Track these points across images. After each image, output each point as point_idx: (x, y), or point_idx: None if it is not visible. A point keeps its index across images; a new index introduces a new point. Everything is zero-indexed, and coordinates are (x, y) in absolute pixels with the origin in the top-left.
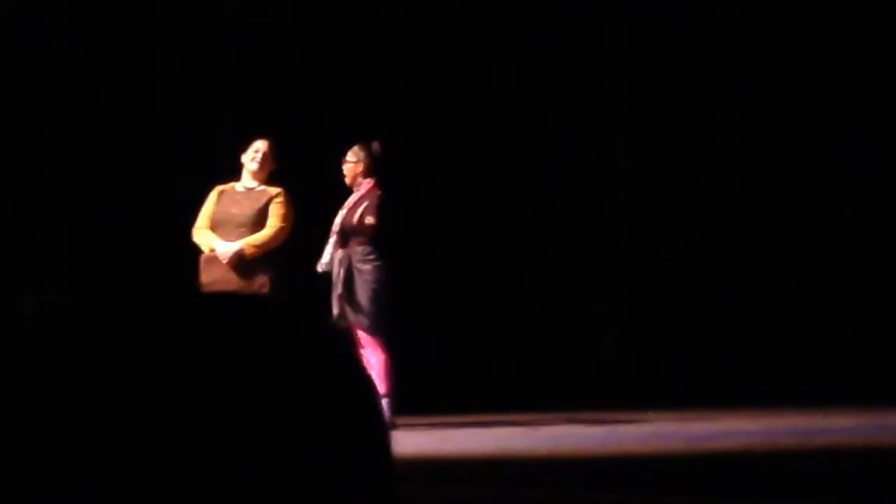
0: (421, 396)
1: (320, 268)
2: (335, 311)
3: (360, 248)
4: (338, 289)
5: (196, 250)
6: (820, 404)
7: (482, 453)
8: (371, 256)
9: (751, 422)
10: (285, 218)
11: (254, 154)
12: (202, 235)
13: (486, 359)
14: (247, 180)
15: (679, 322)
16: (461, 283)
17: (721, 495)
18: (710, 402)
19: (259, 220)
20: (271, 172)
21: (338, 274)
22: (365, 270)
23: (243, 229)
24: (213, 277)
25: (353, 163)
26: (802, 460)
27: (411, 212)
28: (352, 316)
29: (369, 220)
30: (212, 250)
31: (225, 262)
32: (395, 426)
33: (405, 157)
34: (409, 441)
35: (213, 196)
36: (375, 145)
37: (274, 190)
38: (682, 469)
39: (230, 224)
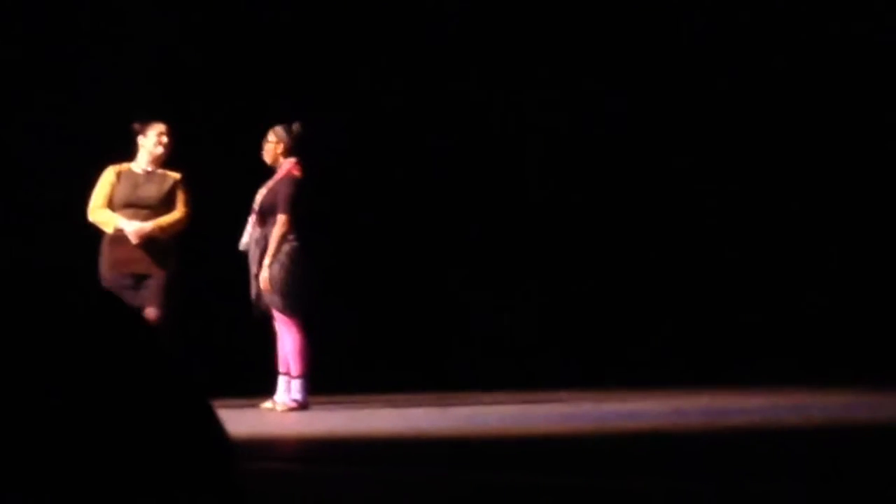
0: (335, 377)
1: (241, 247)
2: (252, 291)
3: (279, 227)
4: (254, 269)
5: (94, 230)
6: (733, 385)
7: (393, 433)
8: (287, 237)
9: (663, 402)
10: (189, 203)
11: (158, 138)
12: (103, 215)
13: (398, 339)
14: (144, 163)
15: (592, 303)
16: (378, 265)
17: (633, 475)
18: (623, 383)
19: (166, 204)
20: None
21: (254, 254)
22: (281, 251)
23: (149, 212)
24: (120, 257)
25: (273, 143)
26: (714, 440)
27: (332, 192)
28: (266, 296)
29: (284, 201)
30: (118, 230)
31: (135, 241)
32: (307, 407)
33: (328, 137)
34: (322, 421)
35: (109, 176)
36: (296, 126)
37: (175, 175)
38: (594, 449)
39: (137, 206)
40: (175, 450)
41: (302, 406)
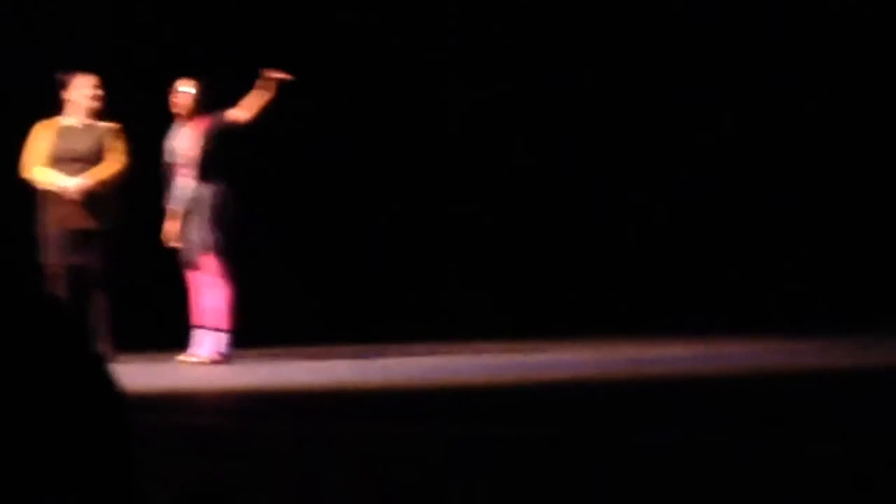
0: (256, 330)
1: (169, 202)
2: (183, 243)
3: (201, 179)
4: (182, 219)
5: (28, 188)
6: (654, 335)
7: (315, 386)
8: (213, 186)
9: (583, 352)
10: (126, 152)
11: (91, 91)
12: (39, 172)
13: (322, 291)
14: (79, 117)
15: (511, 253)
16: (308, 215)
17: (555, 424)
18: (543, 334)
19: (97, 155)
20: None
21: (182, 204)
22: (205, 199)
23: (82, 164)
24: (59, 214)
25: (188, 94)
26: (635, 389)
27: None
28: (193, 245)
29: (198, 149)
30: (57, 186)
31: (74, 197)
32: (230, 360)
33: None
34: (244, 374)
35: (39, 131)
36: (212, 83)
37: (110, 125)
38: (515, 399)
39: (69, 160)
40: (68, 404)
41: (226, 359)
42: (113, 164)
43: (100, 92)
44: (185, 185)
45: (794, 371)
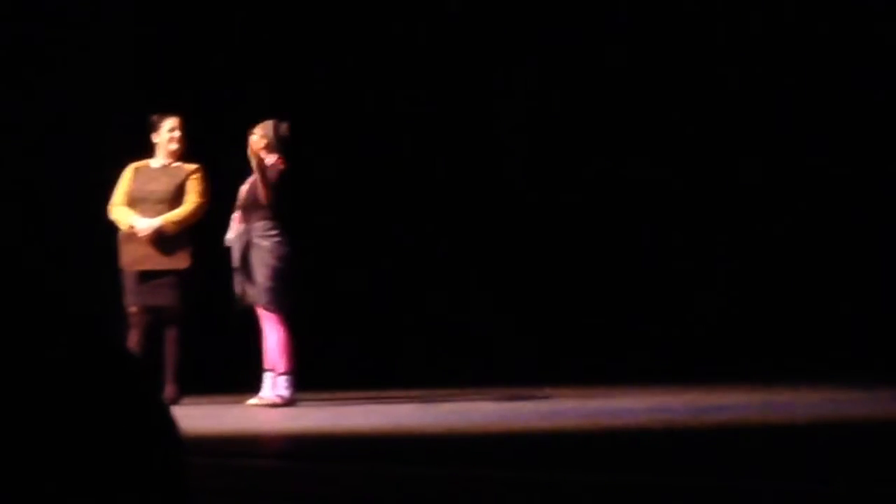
0: (321, 373)
1: (226, 242)
2: (236, 288)
3: (258, 224)
4: (236, 263)
5: (114, 228)
6: (714, 382)
7: (378, 430)
8: (271, 232)
9: (647, 399)
10: (203, 194)
11: (170, 134)
12: (119, 212)
13: (384, 336)
14: (162, 158)
15: (573, 299)
16: (363, 260)
17: (619, 471)
18: (608, 380)
19: (177, 197)
20: (184, 150)
21: (237, 249)
22: (262, 247)
23: (162, 206)
24: (133, 255)
25: (256, 136)
26: (698, 437)
27: (320, 189)
28: (250, 291)
29: (267, 194)
30: (130, 227)
31: (146, 238)
32: (293, 403)
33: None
34: (309, 417)
35: (127, 173)
36: (284, 127)
37: (191, 166)
38: (579, 445)
39: (148, 201)
40: (125, 448)
41: (288, 402)
42: (188, 205)
43: (177, 133)
44: (239, 229)
45: (856, 419)
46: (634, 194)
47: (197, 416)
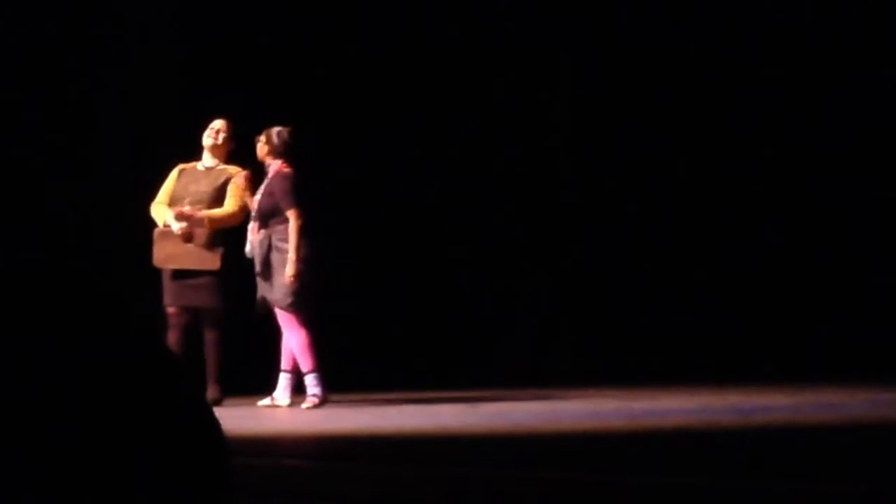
0: (359, 374)
1: (247, 254)
2: (258, 294)
3: (279, 228)
4: (257, 268)
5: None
6: (758, 383)
7: (420, 431)
8: (279, 234)
9: (691, 400)
10: (242, 197)
11: (210, 132)
12: (157, 210)
13: (423, 336)
14: (207, 159)
15: (615, 299)
16: (398, 259)
17: (662, 473)
18: (650, 381)
19: (216, 198)
20: (230, 152)
21: (258, 255)
22: (283, 249)
23: (199, 206)
24: (165, 252)
25: (261, 143)
26: (743, 438)
27: (340, 188)
28: (269, 295)
29: (285, 197)
30: (165, 225)
31: (177, 232)
32: (327, 401)
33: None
34: (349, 418)
35: (173, 173)
36: (283, 131)
37: (234, 169)
38: (622, 446)
39: (186, 200)
40: (169, 448)
41: (322, 400)
42: (228, 207)
43: (215, 132)
44: (259, 236)
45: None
46: (678, 192)
47: (237, 417)
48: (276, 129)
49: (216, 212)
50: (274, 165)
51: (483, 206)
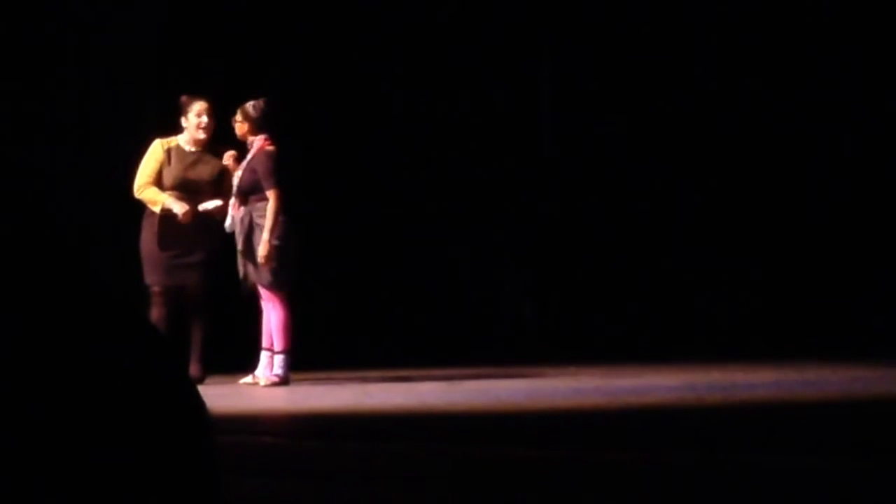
0: (342, 352)
1: (227, 228)
2: (240, 271)
3: (259, 205)
4: (239, 246)
5: (139, 208)
6: (741, 360)
7: (402, 408)
8: (258, 211)
9: (674, 377)
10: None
11: (198, 120)
12: (150, 193)
13: (405, 314)
14: (191, 142)
15: (602, 277)
16: (378, 237)
17: (645, 448)
18: (633, 358)
19: (216, 186)
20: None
21: (239, 232)
22: (263, 227)
23: (201, 194)
24: (169, 236)
25: (239, 122)
26: (726, 414)
27: (320, 164)
28: (252, 273)
29: (267, 176)
30: (164, 209)
31: (183, 221)
32: (288, 382)
33: (324, 106)
34: (330, 396)
35: (157, 153)
36: (258, 102)
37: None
38: (605, 423)
39: (189, 188)
40: (155, 428)
41: (283, 381)
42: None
43: (206, 120)
44: (240, 212)
45: (885, 397)
46: (662, 169)
47: (218, 396)
48: (250, 104)
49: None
50: (257, 142)
51: (466, 185)
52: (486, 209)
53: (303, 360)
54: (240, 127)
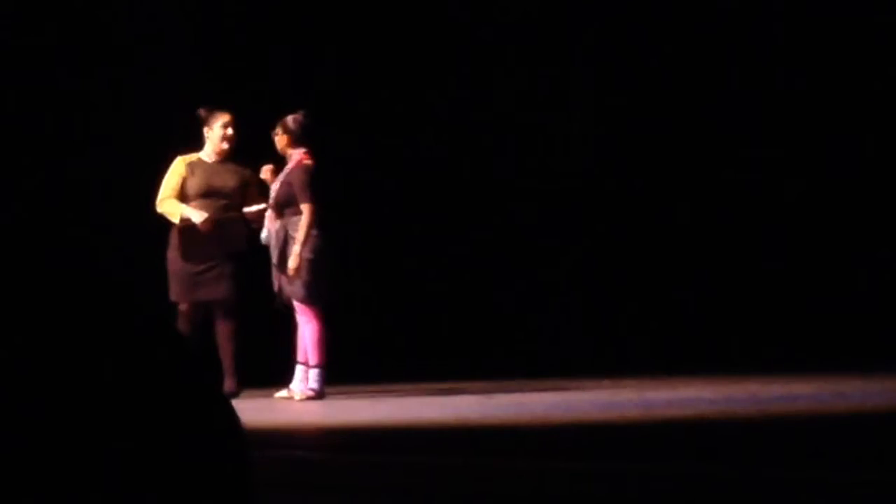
0: (378, 366)
1: (262, 241)
2: (274, 283)
3: (294, 219)
4: (274, 259)
5: (161, 222)
6: (777, 372)
7: (438, 422)
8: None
9: (709, 389)
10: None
11: (223, 132)
12: (170, 206)
13: (441, 328)
14: (213, 153)
15: (636, 290)
16: (417, 251)
17: (679, 461)
18: (668, 370)
19: (241, 194)
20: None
21: (274, 246)
22: (287, 240)
23: (227, 201)
24: (192, 249)
25: (278, 135)
26: (761, 427)
27: (354, 180)
28: (286, 287)
29: (302, 190)
30: (184, 219)
31: (204, 231)
32: (323, 396)
33: (352, 121)
34: (367, 410)
35: (179, 168)
36: (297, 116)
37: (246, 170)
38: (639, 436)
39: (214, 196)
40: (189, 443)
41: (318, 395)
42: (252, 202)
43: (231, 132)
44: (275, 225)
45: None
46: (693, 179)
47: (253, 410)
48: (290, 117)
49: (250, 211)
50: (295, 155)
51: (499, 196)
52: (524, 225)
53: (338, 373)
54: (280, 140)
